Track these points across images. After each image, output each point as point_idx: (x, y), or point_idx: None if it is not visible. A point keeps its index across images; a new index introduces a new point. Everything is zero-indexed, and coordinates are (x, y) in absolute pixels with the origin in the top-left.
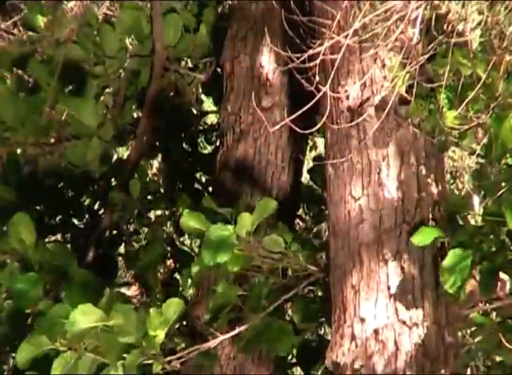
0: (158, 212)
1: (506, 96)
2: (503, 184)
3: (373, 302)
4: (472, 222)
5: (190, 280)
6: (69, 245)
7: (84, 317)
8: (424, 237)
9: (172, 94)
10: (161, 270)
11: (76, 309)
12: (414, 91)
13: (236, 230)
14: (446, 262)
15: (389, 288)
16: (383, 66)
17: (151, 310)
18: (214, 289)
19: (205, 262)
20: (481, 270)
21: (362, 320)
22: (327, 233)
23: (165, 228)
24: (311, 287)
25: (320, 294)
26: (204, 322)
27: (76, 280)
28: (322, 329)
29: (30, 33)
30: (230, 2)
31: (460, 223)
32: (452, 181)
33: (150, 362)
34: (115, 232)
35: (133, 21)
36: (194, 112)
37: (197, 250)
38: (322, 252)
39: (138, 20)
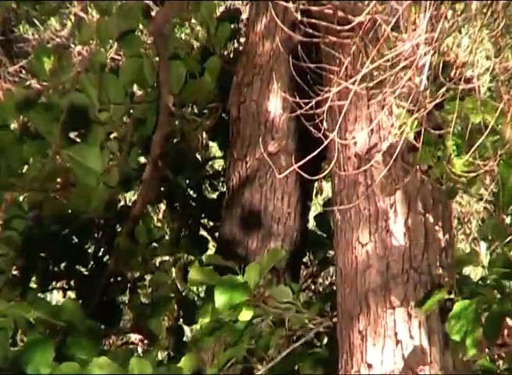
0: (163, 259)
1: None
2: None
3: (380, 348)
4: (479, 268)
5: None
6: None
7: (102, 370)
8: (431, 303)
9: (177, 139)
10: (166, 317)
11: (93, 363)
12: (422, 137)
13: (245, 279)
14: (453, 310)
15: (396, 334)
16: (391, 112)
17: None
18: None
19: (219, 307)
20: (487, 316)
21: (369, 366)
22: (334, 278)
23: (169, 274)
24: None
25: (326, 340)
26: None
27: (81, 332)
28: None
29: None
30: (236, 47)
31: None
32: (459, 227)
33: None
34: (119, 279)
35: (137, 68)
36: (200, 157)
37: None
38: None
39: (142, 67)
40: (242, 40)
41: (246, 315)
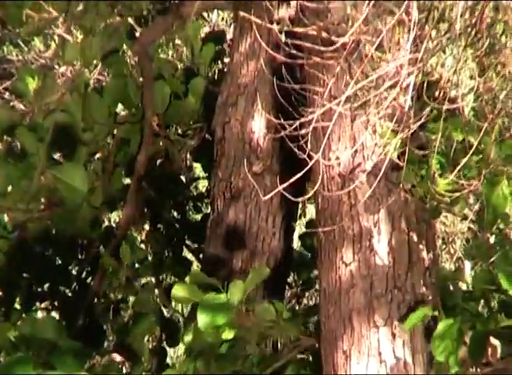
0: (147, 279)
1: (498, 162)
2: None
3: (364, 367)
4: (463, 287)
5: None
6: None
7: None
8: (415, 320)
9: (161, 160)
10: (150, 339)
11: None
12: (406, 157)
13: (229, 297)
14: (437, 329)
15: (380, 354)
16: (374, 132)
17: None
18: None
19: (201, 327)
20: (471, 336)
21: None
22: (318, 298)
23: (152, 296)
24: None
25: (310, 359)
26: None
27: (65, 350)
28: None
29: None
30: (221, 68)
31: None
32: (444, 246)
33: None
34: (103, 300)
35: (121, 88)
36: (184, 178)
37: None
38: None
39: (126, 87)
40: (226, 60)
41: (229, 334)
